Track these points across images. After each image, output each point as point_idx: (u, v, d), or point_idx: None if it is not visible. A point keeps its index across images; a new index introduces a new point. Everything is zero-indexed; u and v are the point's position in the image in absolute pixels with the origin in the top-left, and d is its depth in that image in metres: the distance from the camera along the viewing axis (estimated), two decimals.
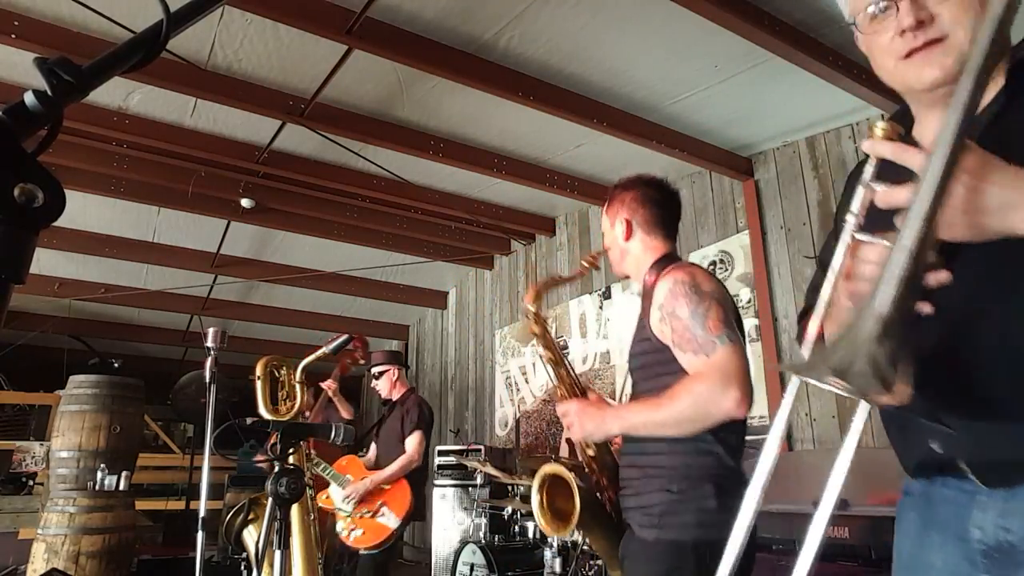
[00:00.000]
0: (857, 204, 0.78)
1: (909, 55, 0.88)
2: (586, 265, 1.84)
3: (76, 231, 5.43)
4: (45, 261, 5.92)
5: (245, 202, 4.97)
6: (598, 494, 1.67)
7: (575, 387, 1.76)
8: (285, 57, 3.45)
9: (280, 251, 6.24)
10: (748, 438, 1.59)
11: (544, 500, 1.70)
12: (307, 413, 4.26)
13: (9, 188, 0.45)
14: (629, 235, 1.74)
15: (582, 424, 1.58)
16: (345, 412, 4.45)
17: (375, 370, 3.93)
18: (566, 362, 1.79)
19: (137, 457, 4.90)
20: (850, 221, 0.78)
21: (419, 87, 3.74)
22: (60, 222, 0.51)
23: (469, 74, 3.43)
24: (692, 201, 4.70)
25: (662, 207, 1.76)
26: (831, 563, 2.41)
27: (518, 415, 6.03)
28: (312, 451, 3.33)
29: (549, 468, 1.69)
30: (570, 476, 1.62)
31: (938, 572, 0.94)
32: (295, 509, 2.50)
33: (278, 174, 4.73)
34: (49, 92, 0.49)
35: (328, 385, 4.38)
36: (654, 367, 1.58)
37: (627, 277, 1.82)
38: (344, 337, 2.92)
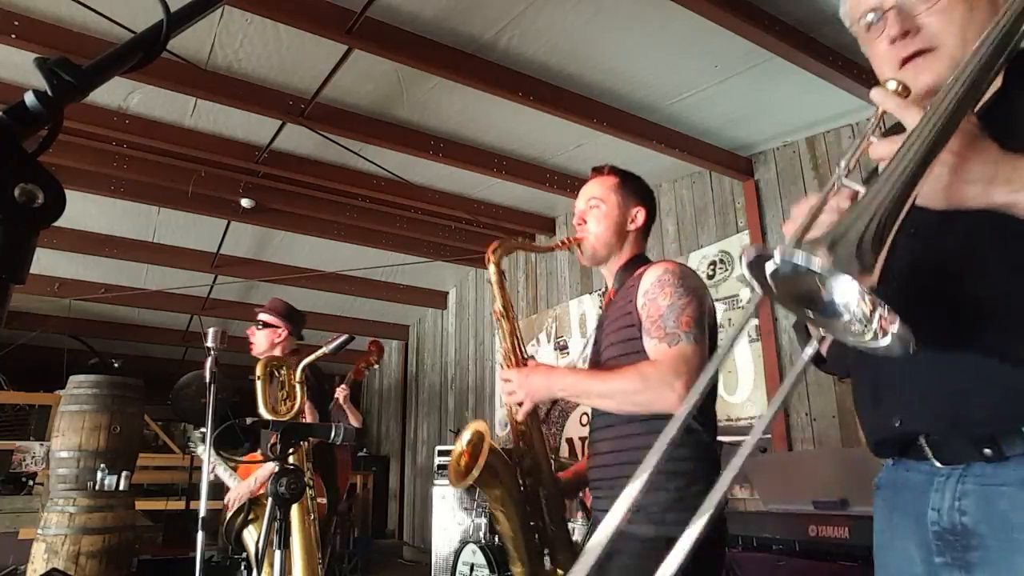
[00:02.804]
0: (851, 153, 0.77)
1: (903, 63, 0.91)
2: (563, 242, 1.80)
3: (76, 231, 5.43)
4: (45, 261, 5.92)
5: (245, 202, 4.97)
6: (519, 473, 1.75)
7: (518, 351, 1.75)
8: (285, 57, 3.46)
9: (280, 251, 6.24)
10: (738, 438, 1.59)
11: (464, 452, 1.76)
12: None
13: (9, 188, 0.45)
14: (642, 225, 1.76)
15: (529, 385, 1.60)
16: (355, 419, 4.27)
17: (261, 317, 3.28)
18: (516, 323, 1.78)
19: (137, 457, 4.90)
20: (840, 166, 0.75)
21: (419, 87, 3.73)
22: (60, 222, 0.51)
23: (469, 74, 3.43)
24: (692, 201, 4.69)
25: (654, 213, 1.82)
26: (831, 563, 2.40)
27: None
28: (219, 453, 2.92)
29: (478, 425, 1.75)
30: (486, 431, 1.71)
31: (898, 557, 0.95)
32: (295, 509, 2.50)
33: (278, 174, 4.73)
34: (49, 92, 0.49)
35: (340, 391, 4.16)
36: (632, 342, 1.58)
37: (594, 264, 1.78)
38: (344, 337, 2.90)
